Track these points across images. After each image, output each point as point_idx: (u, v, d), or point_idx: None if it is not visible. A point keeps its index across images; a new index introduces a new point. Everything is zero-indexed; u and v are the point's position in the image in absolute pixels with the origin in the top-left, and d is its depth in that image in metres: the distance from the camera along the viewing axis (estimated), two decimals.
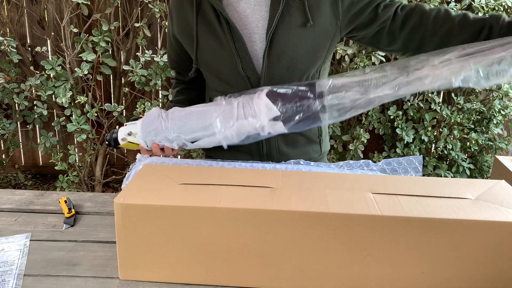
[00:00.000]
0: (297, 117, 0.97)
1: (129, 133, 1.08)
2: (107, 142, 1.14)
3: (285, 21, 1.05)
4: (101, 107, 2.57)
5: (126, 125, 1.11)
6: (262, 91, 0.99)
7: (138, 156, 1.12)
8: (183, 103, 1.26)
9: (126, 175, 1.04)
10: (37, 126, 2.78)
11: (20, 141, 2.95)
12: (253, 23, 1.07)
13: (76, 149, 2.73)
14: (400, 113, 2.43)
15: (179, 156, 2.72)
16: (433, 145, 2.57)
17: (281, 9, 1.03)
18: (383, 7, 1.05)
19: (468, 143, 2.56)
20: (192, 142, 1.04)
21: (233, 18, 1.06)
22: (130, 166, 1.09)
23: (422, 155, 1.21)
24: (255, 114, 0.97)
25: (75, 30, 2.40)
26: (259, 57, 1.08)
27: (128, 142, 1.09)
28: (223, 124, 0.99)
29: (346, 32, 1.11)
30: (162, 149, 1.06)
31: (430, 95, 2.39)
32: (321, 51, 1.10)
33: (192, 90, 1.29)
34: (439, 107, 2.43)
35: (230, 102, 1.01)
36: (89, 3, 2.39)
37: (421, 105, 2.44)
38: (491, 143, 2.53)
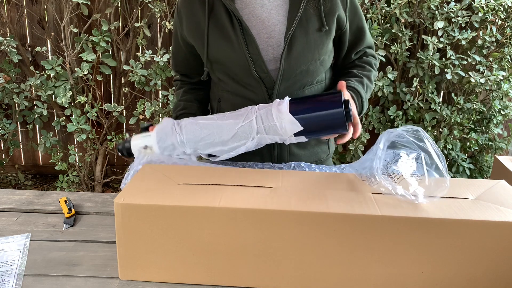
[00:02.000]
0: (321, 128, 0.95)
1: (144, 147, 1.06)
2: (119, 153, 1.11)
3: (303, 26, 1.06)
4: (101, 107, 2.57)
5: (139, 135, 1.08)
6: (281, 103, 0.97)
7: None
8: (192, 102, 1.25)
9: (125, 175, 1.04)
10: (37, 126, 2.78)
11: (20, 141, 2.94)
12: (269, 27, 1.07)
13: (76, 149, 2.73)
14: (400, 113, 2.43)
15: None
16: None
17: (300, 14, 1.04)
18: (355, 53, 1.20)
19: (468, 143, 2.56)
20: (209, 155, 1.03)
21: (249, 22, 1.07)
22: (129, 166, 1.08)
23: None
24: (276, 129, 0.96)
25: (75, 30, 2.40)
26: (276, 60, 1.08)
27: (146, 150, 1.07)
28: (243, 140, 0.99)
29: None
30: None
31: (430, 95, 2.39)
32: (331, 54, 1.15)
33: (199, 90, 1.27)
34: (439, 107, 2.43)
35: (248, 116, 0.99)
36: (89, 3, 2.39)
37: (421, 105, 2.44)
38: (491, 143, 2.53)
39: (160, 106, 2.54)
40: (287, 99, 0.97)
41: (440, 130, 2.51)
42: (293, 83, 1.10)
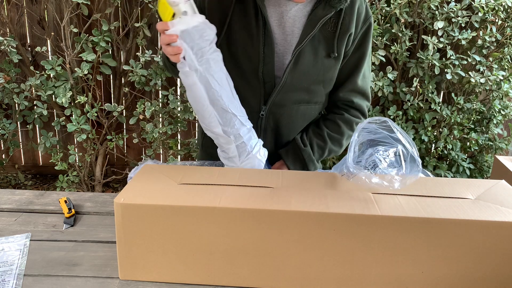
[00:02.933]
0: None
1: (184, 12, 0.92)
2: None
3: (314, 46, 1.06)
4: (101, 107, 2.57)
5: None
6: (265, 152, 1.07)
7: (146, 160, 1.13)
8: None
9: (134, 168, 1.05)
10: (37, 126, 2.77)
11: (20, 141, 2.94)
12: (283, 35, 1.07)
13: (76, 149, 2.73)
14: (400, 113, 2.43)
15: (179, 157, 2.72)
16: (433, 145, 2.57)
17: (314, 32, 1.04)
18: (346, 92, 1.16)
19: (468, 143, 2.56)
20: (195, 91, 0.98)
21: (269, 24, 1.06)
22: (139, 163, 1.09)
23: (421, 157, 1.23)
24: (243, 151, 1.03)
25: (75, 30, 2.40)
26: (280, 69, 1.08)
27: (176, 6, 0.93)
28: (223, 121, 1.00)
29: None
30: (169, 45, 0.94)
31: (430, 95, 2.39)
32: (334, 79, 1.14)
33: None
34: (439, 107, 2.42)
35: (247, 121, 1.04)
36: (89, 3, 2.38)
37: (421, 105, 2.44)
38: (491, 143, 2.53)
39: (160, 106, 2.54)
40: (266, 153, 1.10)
41: (440, 130, 2.51)
42: (291, 97, 1.10)
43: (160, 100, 2.58)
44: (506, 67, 2.38)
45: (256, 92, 1.10)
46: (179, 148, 2.71)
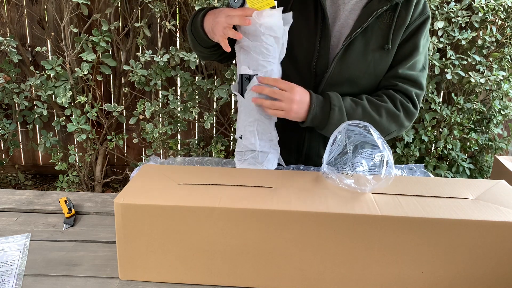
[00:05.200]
0: None
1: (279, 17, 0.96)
2: None
3: (366, 36, 1.05)
4: (101, 107, 2.57)
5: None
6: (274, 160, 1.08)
7: (152, 157, 1.13)
8: None
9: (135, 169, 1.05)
10: (37, 126, 2.77)
11: (20, 141, 2.94)
12: (338, 26, 1.07)
13: (76, 149, 2.73)
14: None
15: (178, 156, 2.72)
16: (433, 145, 2.57)
17: (367, 24, 1.04)
18: (389, 79, 1.11)
19: (468, 143, 2.56)
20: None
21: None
22: (149, 157, 1.09)
23: (423, 164, 1.23)
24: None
25: (75, 30, 2.40)
26: (330, 60, 1.08)
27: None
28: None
29: None
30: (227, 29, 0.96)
31: (430, 95, 2.39)
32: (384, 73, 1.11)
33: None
34: (439, 107, 2.42)
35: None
36: (89, 3, 2.38)
37: (421, 105, 2.43)
38: (491, 143, 2.53)
39: (160, 106, 2.54)
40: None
41: (440, 130, 2.51)
42: (339, 90, 1.07)
43: (160, 100, 2.58)
44: (506, 67, 2.38)
45: (306, 83, 1.08)
46: (179, 148, 2.71)
